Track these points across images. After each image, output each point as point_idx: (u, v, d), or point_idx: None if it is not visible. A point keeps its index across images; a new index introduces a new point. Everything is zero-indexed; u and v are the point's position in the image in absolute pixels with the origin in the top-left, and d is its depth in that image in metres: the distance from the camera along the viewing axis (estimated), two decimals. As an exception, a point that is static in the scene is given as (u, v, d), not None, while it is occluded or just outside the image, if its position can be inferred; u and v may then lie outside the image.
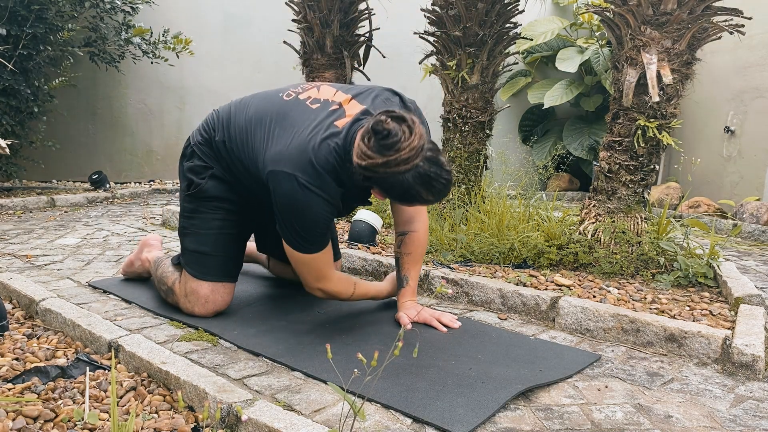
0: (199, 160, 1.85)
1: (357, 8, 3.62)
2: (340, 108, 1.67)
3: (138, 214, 4.00)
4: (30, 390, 1.33)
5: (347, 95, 1.71)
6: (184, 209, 1.90)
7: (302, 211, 1.58)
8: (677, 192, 4.99)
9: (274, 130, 1.67)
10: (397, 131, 1.43)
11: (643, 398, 1.43)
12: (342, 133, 1.59)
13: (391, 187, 1.49)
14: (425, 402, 1.32)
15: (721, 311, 1.97)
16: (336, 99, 1.70)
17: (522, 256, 2.45)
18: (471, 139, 3.12)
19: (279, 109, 1.71)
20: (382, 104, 1.68)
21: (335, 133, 1.59)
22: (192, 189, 1.86)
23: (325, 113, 1.65)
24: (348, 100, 1.69)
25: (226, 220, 1.86)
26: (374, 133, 1.44)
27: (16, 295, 1.96)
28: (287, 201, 1.58)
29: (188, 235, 1.88)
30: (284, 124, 1.66)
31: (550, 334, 1.87)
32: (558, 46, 6.20)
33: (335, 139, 1.58)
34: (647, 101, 2.35)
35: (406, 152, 1.42)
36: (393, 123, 1.43)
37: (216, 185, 1.84)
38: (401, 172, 1.45)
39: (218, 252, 1.85)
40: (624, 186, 2.46)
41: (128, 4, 4.76)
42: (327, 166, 1.56)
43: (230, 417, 1.19)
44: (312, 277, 1.74)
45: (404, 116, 1.45)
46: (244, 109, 1.80)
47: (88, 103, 5.35)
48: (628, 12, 2.37)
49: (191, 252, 1.86)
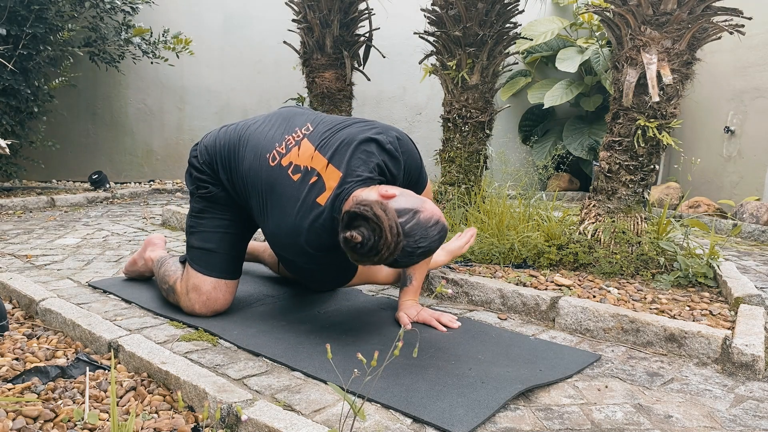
0: (209, 176, 1.89)
1: (357, 8, 3.62)
2: (319, 179, 1.65)
3: (138, 214, 4.00)
4: (30, 390, 1.33)
5: (324, 159, 1.67)
6: (193, 209, 1.93)
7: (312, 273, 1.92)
8: (677, 192, 4.99)
9: (267, 204, 1.73)
10: (368, 238, 1.43)
11: (643, 398, 1.43)
12: (326, 211, 1.63)
13: (396, 262, 1.52)
14: (425, 402, 1.32)
15: (721, 311, 1.97)
16: (315, 166, 1.67)
17: (522, 256, 2.45)
18: (471, 139, 3.12)
19: (267, 179, 1.73)
20: (358, 164, 1.65)
21: (320, 213, 1.63)
22: (203, 192, 1.90)
23: (306, 189, 1.65)
24: (325, 166, 1.66)
25: (233, 221, 1.89)
26: (348, 249, 1.47)
27: (16, 295, 1.96)
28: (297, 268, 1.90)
29: (194, 233, 1.90)
30: (273, 200, 1.71)
31: (550, 334, 1.87)
32: (558, 46, 6.20)
33: (320, 220, 1.63)
34: (647, 101, 2.35)
35: (386, 251, 1.44)
36: (358, 233, 1.43)
37: (226, 195, 1.88)
38: (396, 257, 1.47)
39: (223, 250, 1.87)
40: (624, 186, 2.46)
41: (128, 4, 4.76)
42: (321, 247, 1.67)
43: (230, 417, 1.19)
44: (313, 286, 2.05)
45: (365, 215, 1.42)
46: (240, 158, 1.81)
47: (88, 103, 5.35)
48: (628, 12, 2.37)
49: (196, 249, 1.88)
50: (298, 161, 1.71)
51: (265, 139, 1.80)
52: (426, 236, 1.48)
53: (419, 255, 1.49)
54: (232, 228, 1.89)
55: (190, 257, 1.90)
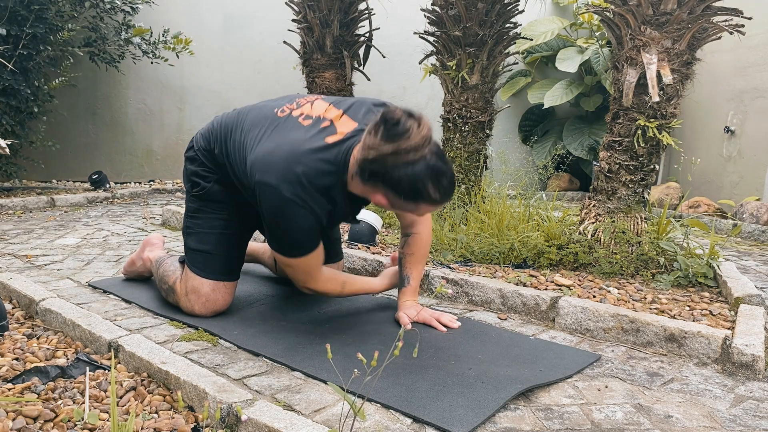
0: (204, 166, 1.87)
1: (357, 8, 3.62)
2: (331, 125, 1.67)
3: (138, 214, 4.00)
4: (30, 390, 1.33)
5: (339, 110, 1.71)
6: (188, 209, 1.92)
7: (287, 222, 1.60)
8: (677, 192, 4.99)
9: (263, 136, 1.68)
10: (407, 120, 1.45)
11: (643, 398, 1.43)
12: (333, 150, 1.60)
13: (398, 182, 1.49)
14: (425, 402, 1.32)
15: (721, 311, 1.97)
16: (327, 115, 1.70)
17: (522, 256, 2.45)
18: (471, 139, 3.12)
19: (272, 122, 1.73)
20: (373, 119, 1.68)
21: (325, 148, 1.60)
22: (196, 190, 1.88)
23: (316, 130, 1.66)
24: (339, 116, 1.69)
25: (229, 220, 1.87)
26: (384, 123, 1.46)
27: (16, 295, 1.96)
28: (273, 210, 1.59)
29: (191, 234, 1.89)
30: (274, 133, 1.68)
31: (550, 334, 1.87)
32: (558, 46, 6.20)
33: (326, 155, 1.59)
34: (647, 101, 2.35)
35: (415, 140, 1.45)
36: (402, 113, 1.46)
37: (220, 189, 1.86)
38: (410, 162, 1.46)
39: (220, 251, 1.85)
40: (624, 186, 2.46)
41: (128, 4, 4.76)
42: (316, 181, 1.57)
43: (230, 417, 1.19)
44: (299, 278, 1.78)
45: (411, 110, 1.48)
46: (240, 124, 1.80)
47: (88, 103, 5.35)
48: (628, 12, 2.37)
49: (194, 251, 1.87)
50: (311, 112, 1.73)
51: (271, 103, 1.82)
52: (447, 170, 1.52)
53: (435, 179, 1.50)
54: (228, 228, 1.87)
55: (188, 259, 1.89)
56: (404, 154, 1.45)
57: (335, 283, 1.84)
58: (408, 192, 1.51)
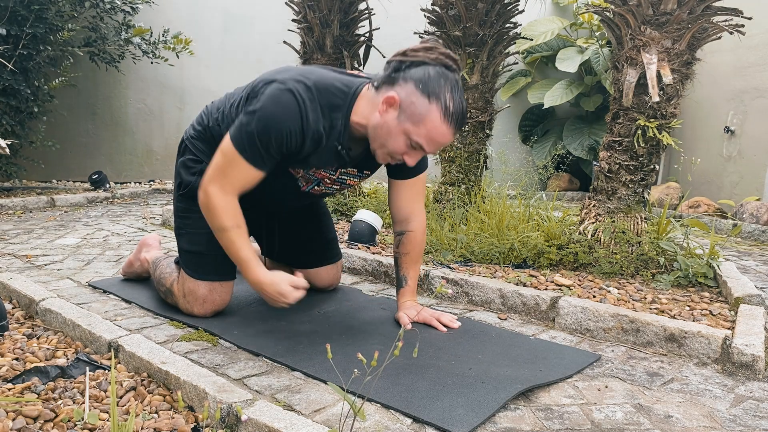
0: (191, 154, 1.85)
1: (357, 8, 3.62)
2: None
3: (138, 214, 4.00)
4: (30, 390, 1.33)
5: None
6: (177, 209, 1.89)
7: (268, 111, 1.51)
8: (677, 192, 4.99)
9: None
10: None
11: (643, 398, 1.43)
12: (350, 77, 1.67)
13: (424, 73, 1.52)
14: (425, 402, 1.32)
15: (721, 311, 1.97)
16: None
17: (522, 256, 2.45)
18: (471, 139, 3.12)
19: None
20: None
21: (343, 73, 1.69)
22: (183, 189, 1.85)
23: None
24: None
25: None
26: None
27: (16, 295, 1.96)
28: (262, 99, 1.53)
29: (183, 236, 1.87)
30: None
31: (550, 334, 1.87)
32: (558, 46, 6.20)
33: (343, 77, 1.66)
34: (647, 101, 2.35)
35: (438, 45, 1.56)
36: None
37: None
38: (429, 61, 1.53)
39: (213, 251, 1.81)
40: (624, 186, 2.46)
41: (128, 4, 4.76)
42: (325, 95, 1.57)
43: (230, 417, 1.19)
44: (209, 173, 1.63)
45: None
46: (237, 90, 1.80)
47: (88, 103, 5.35)
48: (628, 12, 2.37)
49: (187, 252, 1.85)
50: None
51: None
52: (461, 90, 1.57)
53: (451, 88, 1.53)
54: None
55: (182, 261, 1.87)
56: (437, 52, 1.54)
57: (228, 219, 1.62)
58: (428, 85, 1.51)
